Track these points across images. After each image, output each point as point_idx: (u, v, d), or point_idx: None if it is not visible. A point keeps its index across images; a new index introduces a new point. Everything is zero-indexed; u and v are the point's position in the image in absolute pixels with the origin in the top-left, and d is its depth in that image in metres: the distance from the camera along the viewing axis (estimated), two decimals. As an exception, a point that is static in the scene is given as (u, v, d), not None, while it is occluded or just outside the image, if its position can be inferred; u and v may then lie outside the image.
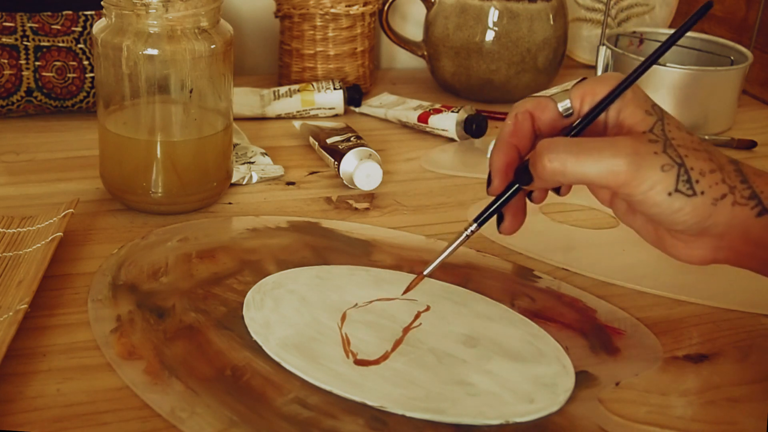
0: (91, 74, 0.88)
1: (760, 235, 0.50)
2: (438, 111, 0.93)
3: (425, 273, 0.57)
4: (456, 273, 0.65)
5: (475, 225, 0.55)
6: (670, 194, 0.49)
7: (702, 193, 0.49)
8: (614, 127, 0.52)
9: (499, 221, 0.55)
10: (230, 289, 0.61)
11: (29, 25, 0.86)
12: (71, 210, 0.66)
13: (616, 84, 0.52)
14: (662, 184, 0.49)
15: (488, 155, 0.88)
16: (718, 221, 0.50)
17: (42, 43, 0.86)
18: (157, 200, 0.71)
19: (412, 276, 0.64)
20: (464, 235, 0.55)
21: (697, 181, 0.49)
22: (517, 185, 0.54)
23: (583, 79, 0.54)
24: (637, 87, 0.52)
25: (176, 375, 0.51)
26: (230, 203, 0.75)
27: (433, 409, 0.50)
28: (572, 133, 0.53)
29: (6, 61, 0.85)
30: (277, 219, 0.72)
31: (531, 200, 0.56)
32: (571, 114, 0.53)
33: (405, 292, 0.59)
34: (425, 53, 1.08)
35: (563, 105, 0.53)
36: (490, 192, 0.54)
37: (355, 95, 0.98)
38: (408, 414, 0.50)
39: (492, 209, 0.55)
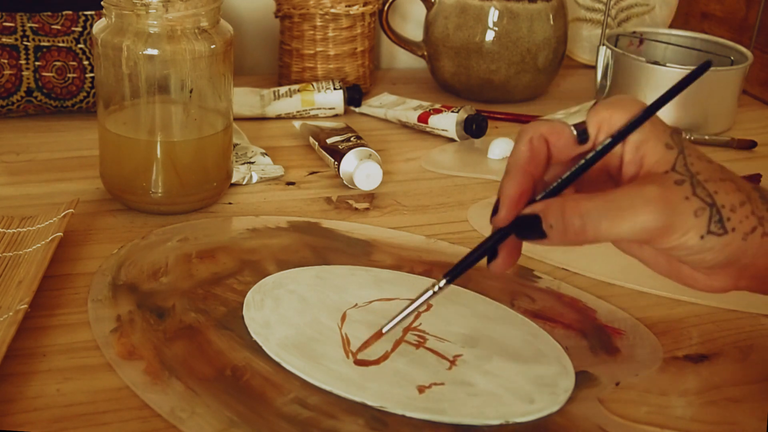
0: (91, 74, 0.88)
1: None
2: (438, 111, 0.93)
3: (384, 331, 0.51)
4: (456, 273, 0.65)
5: (444, 281, 0.49)
6: (702, 237, 0.46)
7: (733, 230, 0.46)
8: (631, 163, 0.48)
9: (491, 258, 0.49)
10: (230, 289, 0.61)
11: (29, 25, 0.85)
12: (71, 210, 0.66)
13: (634, 112, 0.47)
14: (695, 230, 0.45)
15: (489, 155, 0.89)
16: (746, 254, 0.47)
17: (42, 43, 0.86)
18: (157, 200, 0.71)
19: (413, 276, 0.64)
20: (431, 292, 0.49)
21: (729, 219, 0.46)
22: (505, 233, 0.48)
23: (597, 102, 0.49)
24: (655, 117, 0.48)
25: (176, 375, 0.51)
26: (230, 203, 0.75)
27: (433, 409, 0.50)
28: (582, 163, 0.48)
29: (6, 61, 0.85)
30: (277, 219, 0.72)
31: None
32: (586, 140, 0.49)
33: (360, 349, 0.54)
34: (425, 53, 1.08)
35: (578, 130, 0.48)
36: (495, 222, 0.48)
37: (355, 95, 0.98)
38: (408, 414, 0.50)
39: (476, 255, 0.49)
